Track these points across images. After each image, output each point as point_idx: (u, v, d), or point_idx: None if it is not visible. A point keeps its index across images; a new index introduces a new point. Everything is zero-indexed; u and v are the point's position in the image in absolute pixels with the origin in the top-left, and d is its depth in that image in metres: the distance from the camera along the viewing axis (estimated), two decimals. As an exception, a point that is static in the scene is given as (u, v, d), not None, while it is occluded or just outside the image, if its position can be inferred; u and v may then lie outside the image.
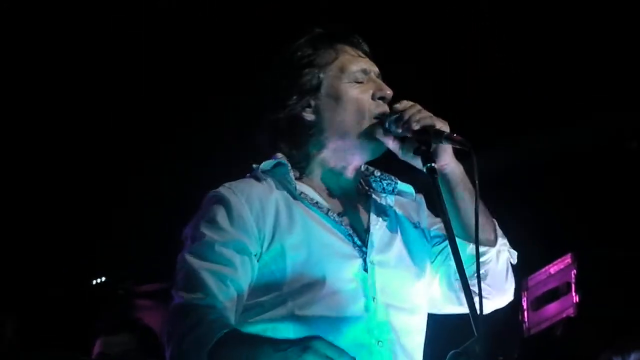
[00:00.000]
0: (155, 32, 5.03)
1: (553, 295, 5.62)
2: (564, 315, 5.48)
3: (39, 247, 6.30)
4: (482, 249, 2.61)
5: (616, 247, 5.53)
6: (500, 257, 2.70)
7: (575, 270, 5.49)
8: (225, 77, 5.15)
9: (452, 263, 2.67)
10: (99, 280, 6.79)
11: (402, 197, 2.86)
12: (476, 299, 2.31)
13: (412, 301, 2.71)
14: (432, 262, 2.82)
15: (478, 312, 2.29)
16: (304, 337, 2.40)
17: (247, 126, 2.86)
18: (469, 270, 2.61)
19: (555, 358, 5.44)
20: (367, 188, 2.85)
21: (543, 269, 5.75)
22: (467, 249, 2.64)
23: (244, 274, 2.58)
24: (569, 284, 5.50)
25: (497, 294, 2.75)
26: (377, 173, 2.86)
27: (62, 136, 5.66)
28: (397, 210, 2.82)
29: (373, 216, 2.75)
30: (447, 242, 2.72)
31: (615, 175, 5.76)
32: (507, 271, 2.75)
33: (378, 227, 2.74)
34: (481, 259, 2.61)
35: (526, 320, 5.75)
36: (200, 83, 5.27)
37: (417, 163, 2.64)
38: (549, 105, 5.50)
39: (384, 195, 2.82)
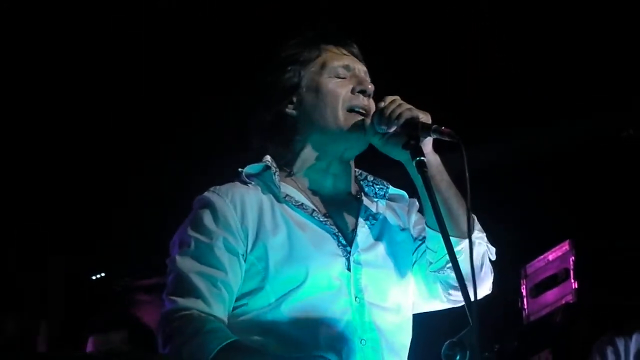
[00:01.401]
0: (156, 32, 5.03)
1: (552, 282, 5.63)
2: (563, 301, 5.49)
3: (39, 243, 6.31)
4: (453, 239, 2.56)
5: (614, 233, 5.56)
6: (473, 249, 2.59)
7: (573, 257, 5.51)
8: (225, 77, 5.15)
9: (428, 257, 2.72)
10: (98, 276, 6.80)
11: (393, 201, 2.87)
12: (470, 290, 2.31)
13: (395, 301, 2.72)
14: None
15: (472, 301, 2.29)
16: (308, 355, 2.46)
17: (246, 126, 2.89)
18: (442, 261, 2.68)
19: (554, 345, 5.47)
20: (359, 192, 2.84)
21: (541, 256, 5.76)
22: (440, 241, 2.60)
23: (234, 275, 2.61)
24: (567, 271, 5.52)
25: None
26: (370, 178, 2.88)
27: (62, 134, 5.66)
28: (387, 215, 2.83)
29: (361, 218, 2.76)
30: (424, 240, 2.75)
31: (613, 164, 5.77)
32: (482, 265, 2.72)
33: (365, 228, 2.75)
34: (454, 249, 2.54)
35: (525, 307, 5.76)
36: (200, 83, 5.27)
37: (402, 157, 2.65)
38: (549, 101, 5.51)
39: (375, 199, 2.83)
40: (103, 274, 6.76)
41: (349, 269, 2.66)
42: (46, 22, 5.03)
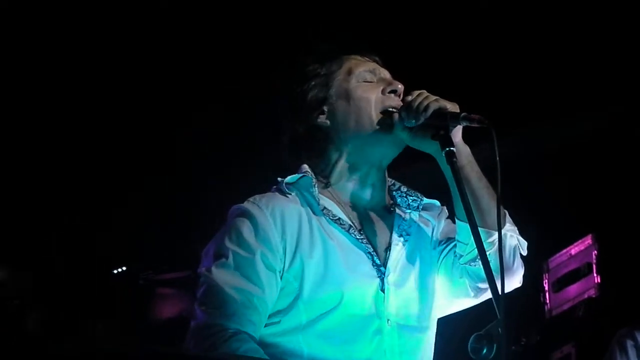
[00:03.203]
0: (156, 32, 5.02)
1: (574, 276, 5.63)
2: (586, 296, 5.49)
3: (60, 237, 6.33)
4: (485, 231, 2.55)
5: (637, 227, 5.53)
6: (505, 242, 2.63)
7: (596, 251, 5.50)
8: (227, 78, 5.15)
9: (458, 250, 2.71)
10: (119, 270, 6.82)
11: (425, 210, 2.86)
12: (498, 283, 2.25)
13: (426, 319, 2.71)
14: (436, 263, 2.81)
15: (500, 294, 2.24)
16: None
17: (260, 130, 2.88)
18: (473, 253, 2.65)
19: (577, 339, 5.45)
20: (392, 203, 2.83)
21: (564, 251, 5.76)
22: (470, 233, 2.54)
23: (270, 292, 2.57)
24: (590, 265, 5.51)
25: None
26: (404, 189, 2.86)
27: (68, 130, 5.66)
28: (420, 227, 2.82)
29: (395, 235, 2.75)
30: (449, 241, 2.76)
31: (636, 157, 5.74)
32: (514, 258, 2.71)
33: (399, 247, 2.73)
34: (486, 241, 2.54)
35: (548, 301, 5.76)
36: (203, 83, 5.27)
37: (431, 149, 2.64)
38: (568, 94, 5.49)
39: (408, 211, 2.82)
40: (124, 268, 6.78)
41: (382, 290, 2.64)
42: (46, 22, 4.99)
